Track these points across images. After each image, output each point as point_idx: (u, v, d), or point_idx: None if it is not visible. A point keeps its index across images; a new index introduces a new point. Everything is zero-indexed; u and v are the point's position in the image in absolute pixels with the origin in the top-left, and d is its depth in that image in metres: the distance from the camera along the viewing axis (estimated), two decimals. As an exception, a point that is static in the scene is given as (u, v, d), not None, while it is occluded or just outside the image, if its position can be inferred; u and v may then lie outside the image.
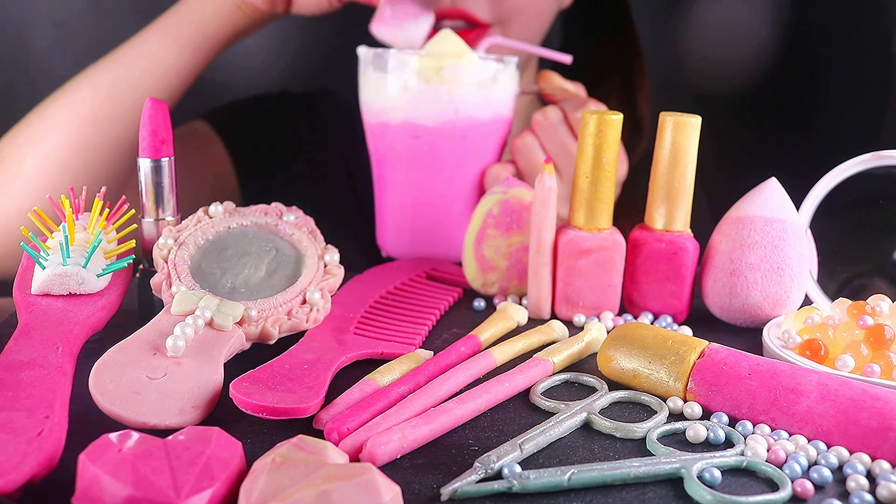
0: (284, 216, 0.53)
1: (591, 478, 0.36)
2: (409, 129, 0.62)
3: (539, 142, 0.63)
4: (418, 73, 0.61)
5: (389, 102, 0.62)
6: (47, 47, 0.91)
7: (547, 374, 0.46)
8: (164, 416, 0.38)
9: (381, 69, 0.62)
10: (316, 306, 0.48)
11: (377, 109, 0.63)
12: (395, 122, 0.62)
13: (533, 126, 0.63)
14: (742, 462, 0.38)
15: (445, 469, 0.37)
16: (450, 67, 0.61)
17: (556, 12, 0.79)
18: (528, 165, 0.63)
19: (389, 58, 0.61)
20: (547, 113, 0.63)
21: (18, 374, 0.39)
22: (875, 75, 0.96)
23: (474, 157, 0.63)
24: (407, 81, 0.61)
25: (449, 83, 0.61)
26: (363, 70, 0.64)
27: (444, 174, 0.63)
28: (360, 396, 0.42)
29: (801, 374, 0.42)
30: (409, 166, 0.63)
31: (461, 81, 0.61)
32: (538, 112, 0.63)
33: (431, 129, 0.61)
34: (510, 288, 0.58)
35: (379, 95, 0.62)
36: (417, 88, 0.61)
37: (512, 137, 0.65)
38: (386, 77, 0.61)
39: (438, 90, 0.61)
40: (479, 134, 0.62)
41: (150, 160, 0.50)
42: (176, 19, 0.71)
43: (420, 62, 0.61)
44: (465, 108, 0.61)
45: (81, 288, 0.46)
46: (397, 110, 0.61)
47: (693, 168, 0.54)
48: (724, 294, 0.53)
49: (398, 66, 0.61)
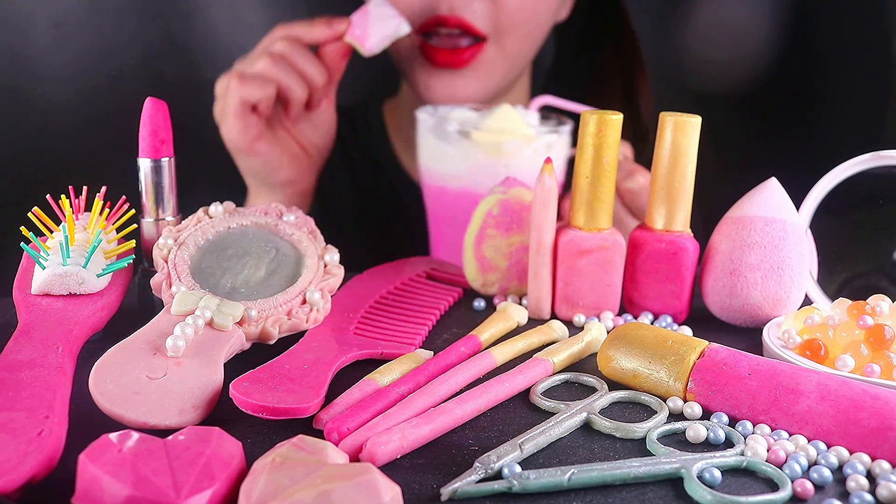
0: (284, 216, 0.53)
1: (591, 478, 0.36)
2: (467, 195, 0.65)
3: None
4: (479, 147, 0.64)
5: (449, 170, 0.65)
6: (47, 47, 0.91)
7: (547, 374, 0.46)
8: (164, 416, 0.38)
9: (442, 139, 0.65)
10: (316, 306, 0.48)
11: (436, 174, 0.66)
12: (453, 188, 0.66)
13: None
14: (742, 462, 0.38)
15: (445, 469, 0.37)
16: (510, 143, 0.63)
17: (552, 25, 0.80)
18: None
19: (450, 129, 0.64)
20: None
21: (18, 374, 0.39)
22: (875, 75, 0.96)
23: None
24: (468, 153, 0.64)
25: (507, 157, 0.63)
26: (423, 134, 0.67)
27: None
28: (360, 396, 0.42)
29: (801, 374, 0.42)
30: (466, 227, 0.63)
31: (519, 155, 0.63)
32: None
33: None
34: (510, 288, 0.58)
35: (439, 162, 0.66)
36: (477, 161, 0.64)
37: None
38: (448, 148, 0.65)
39: (497, 163, 0.64)
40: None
41: (150, 160, 0.50)
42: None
43: (481, 138, 0.64)
44: (521, 178, 0.61)
45: (81, 288, 0.46)
46: (456, 179, 0.65)
47: (693, 168, 0.54)
48: (724, 294, 0.53)
49: (459, 139, 0.64)
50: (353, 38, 0.69)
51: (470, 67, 0.75)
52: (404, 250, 0.66)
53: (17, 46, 0.91)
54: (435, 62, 0.75)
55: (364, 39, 0.69)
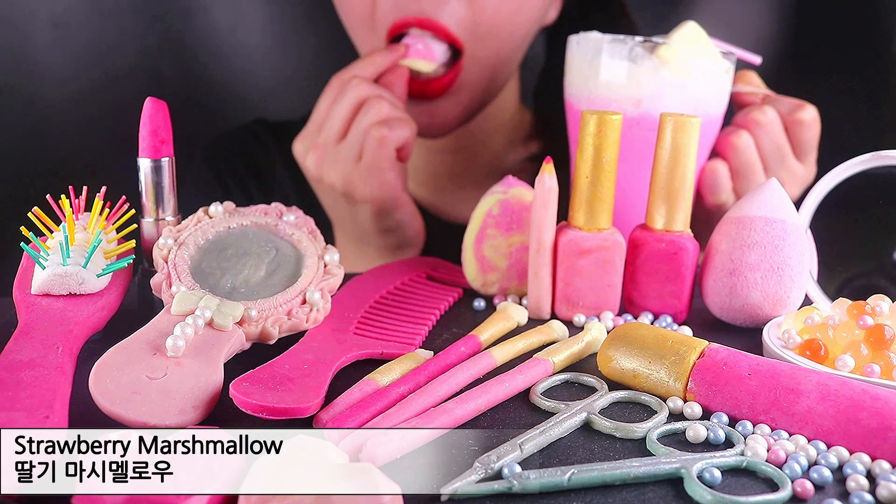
0: (284, 216, 0.53)
1: (591, 478, 0.36)
2: (647, 122, 0.59)
3: (755, 141, 0.62)
4: (668, 66, 0.58)
5: (627, 93, 0.59)
6: (47, 47, 0.91)
7: (547, 374, 0.46)
8: (164, 416, 0.38)
9: (623, 58, 0.59)
10: (316, 306, 0.48)
11: (608, 99, 0.60)
12: (632, 114, 0.59)
13: (749, 125, 0.62)
14: (742, 462, 0.38)
15: (445, 469, 0.37)
16: (700, 61, 0.58)
17: (537, 29, 0.76)
18: (742, 164, 0.62)
19: (636, 46, 0.58)
20: (766, 112, 0.62)
21: (18, 374, 0.39)
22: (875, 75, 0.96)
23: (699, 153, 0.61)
24: (655, 73, 0.58)
25: (695, 77, 0.59)
26: (589, 56, 0.60)
27: None
28: (360, 396, 0.42)
29: (801, 374, 0.42)
30: (636, 159, 0.60)
31: (706, 75, 0.59)
32: (756, 111, 0.62)
33: None
34: (510, 288, 0.58)
35: (615, 85, 0.59)
36: (664, 81, 0.58)
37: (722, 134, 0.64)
38: (631, 67, 0.58)
39: (684, 84, 0.58)
40: (708, 131, 0.61)
41: (149, 160, 0.50)
42: None
43: (671, 54, 0.58)
44: (702, 104, 0.59)
45: (81, 288, 0.46)
46: (636, 103, 0.59)
47: (693, 168, 0.54)
48: (724, 294, 0.53)
49: (645, 56, 0.58)
50: (417, 55, 0.67)
51: (445, 96, 0.70)
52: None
53: (18, 46, 0.91)
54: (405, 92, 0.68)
55: (429, 53, 0.67)
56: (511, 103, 0.83)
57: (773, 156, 0.62)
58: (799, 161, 0.64)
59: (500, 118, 0.82)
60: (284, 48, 0.98)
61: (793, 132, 0.63)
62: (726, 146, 0.63)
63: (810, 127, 0.63)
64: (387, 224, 0.67)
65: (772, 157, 0.62)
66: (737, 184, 0.63)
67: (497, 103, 0.80)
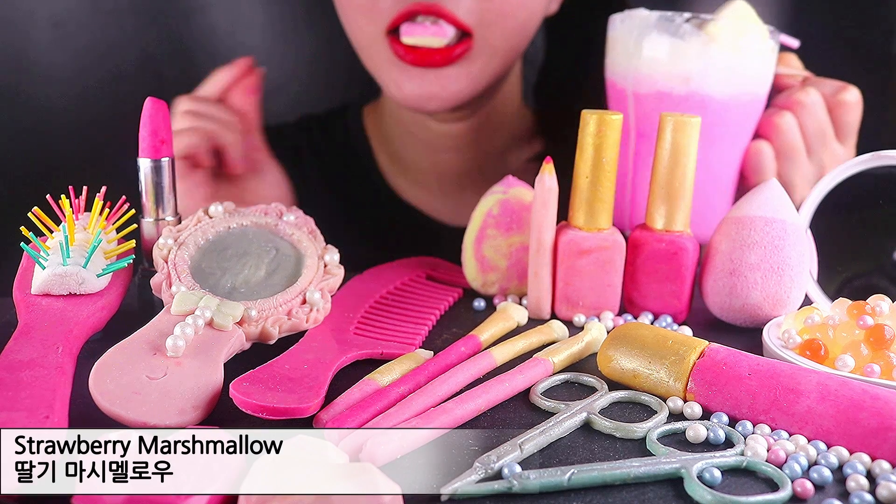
0: (284, 216, 0.53)
1: (591, 478, 0.36)
2: (695, 100, 0.58)
3: (798, 122, 0.61)
4: (716, 43, 0.56)
5: (675, 71, 0.58)
6: (47, 47, 0.91)
7: (547, 374, 0.46)
8: (164, 416, 0.38)
9: (671, 34, 0.57)
10: (316, 306, 0.48)
11: (655, 77, 0.58)
12: (679, 92, 0.58)
13: (793, 106, 0.61)
14: (742, 462, 0.38)
15: (445, 469, 0.37)
16: (748, 39, 0.57)
17: (541, 19, 0.75)
18: (786, 145, 0.61)
19: (684, 23, 0.57)
20: (810, 93, 0.61)
21: (18, 374, 0.39)
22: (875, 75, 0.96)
23: (741, 134, 0.60)
24: (703, 50, 0.57)
25: (743, 55, 0.57)
26: (636, 35, 0.59)
27: (717, 149, 0.59)
28: (360, 396, 0.42)
29: (801, 374, 0.42)
30: None
31: (754, 53, 0.58)
32: (800, 92, 0.61)
33: (719, 102, 0.58)
34: (510, 288, 0.58)
35: (661, 63, 0.58)
36: (712, 59, 0.57)
37: (766, 115, 0.63)
38: (678, 44, 0.57)
39: (733, 61, 0.57)
40: (754, 110, 0.60)
41: (149, 160, 0.50)
42: None
43: (720, 30, 0.56)
44: (750, 82, 0.58)
45: (81, 288, 0.46)
46: (685, 80, 0.57)
47: (693, 168, 0.54)
48: (724, 294, 0.53)
49: (693, 33, 0.57)
50: (426, 33, 0.66)
51: (455, 63, 0.69)
52: (381, 260, 0.63)
53: (18, 46, 0.91)
54: (408, 61, 0.68)
55: (440, 31, 0.66)
56: (513, 101, 0.83)
57: (816, 138, 0.61)
58: (840, 143, 0.63)
59: (502, 116, 0.82)
60: (284, 48, 0.98)
61: (836, 114, 0.62)
62: (770, 127, 0.61)
63: (853, 109, 0.62)
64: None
65: (815, 139, 0.61)
66: (780, 166, 0.62)
67: (499, 100, 0.79)
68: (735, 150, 0.61)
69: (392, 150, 0.84)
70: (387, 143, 0.85)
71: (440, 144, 0.81)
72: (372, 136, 0.86)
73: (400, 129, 0.83)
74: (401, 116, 0.82)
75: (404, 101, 0.71)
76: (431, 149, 0.82)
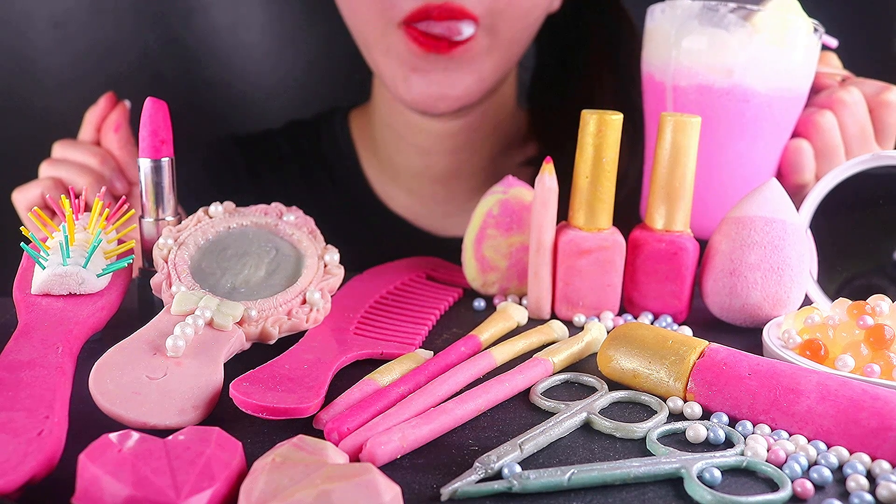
0: (284, 216, 0.53)
1: (591, 478, 0.36)
2: (737, 94, 0.56)
3: (839, 121, 0.60)
4: (762, 35, 0.55)
5: (718, 62, 0.56)
6: (47, 47, 0.91)
7: (547, 374, 0.46)
8: (164, 416, 0.38)
9: (712, 24, 0.56)
10: (316, 306, 0.48)
11: (696, 70, 0.57)
12: (721, 85, 0.57)
13: (834, 105, 0.60)
14: (742, 462, 0.38)
15: (445, 469, 0.37)
16: (794, 31, 0.56)
17: (545, 15, 0.75)
18: (826, 145, 0.60)
19: (729, 13, 0.55)
20: (852, 92, 0.60)
21: (18, 374, 0.39)
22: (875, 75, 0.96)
23: (781, 131, 0.59)
24: (748, 42, 0.55)
25: (788, 48, 0.56)
26: (678, 26, 0.58)
27: (758, 145, 0.58)
28: (360, 396, 0.42)
29: (801, 374, 0.42)
30: (725, 132, 0.57)
31: (799, 47, 0.56)
32: (841, 91, 0.61)
33: (762, 96, 0.57)
34: (510, 288, 0.58)
35: (704, 54, 0.57)
36: (756, 51, 0.55)
37: (805, 113, 0.62)
38: (723, 35, 0.56)
39: (778, 54, 0.56)
40: (795, 107, 0.59)
41: (149, 160, 0.50)
42: None
43: (766, 22, 0.55)
44: (793, 77, 0.57)
45: (81, 288, 0.46)
46: (728, 73, 0.56)
47: (693, 168, 0.54)
48: (724, 294, 0.53)
49: (738, 24, 0.55)
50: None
51: (459, 59, 0.68)
52: (366, 267, 0.62)
53: (17, 46, 0.91)
54: (420, 43, 0.67)
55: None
56: (508, 103, 0.82)
57: (856, 138, 0.60)
58: (879, 145, 0.62)
59: (497, 118, 0.81)
60: (284, 48, 0.98)
61: (877, 114, 0.61)
62: (809, 126, 0.60)
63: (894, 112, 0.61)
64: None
65: (855, 140, 0.60)
66: (818, 165, 0.61)
67: (495, 101, 0.79)
68: (775, 146, 0.60)
69: (381, 154, 0.84)
70: (375, 148, 0.84)
71: (432, 147, 0.80)
72: (358, 141, 0.85)
73: (390, 133, 0.82)
74: (391, 120, 0.80)
75: (412, 103, 0.70)
76: (422, 152, 0.81)
